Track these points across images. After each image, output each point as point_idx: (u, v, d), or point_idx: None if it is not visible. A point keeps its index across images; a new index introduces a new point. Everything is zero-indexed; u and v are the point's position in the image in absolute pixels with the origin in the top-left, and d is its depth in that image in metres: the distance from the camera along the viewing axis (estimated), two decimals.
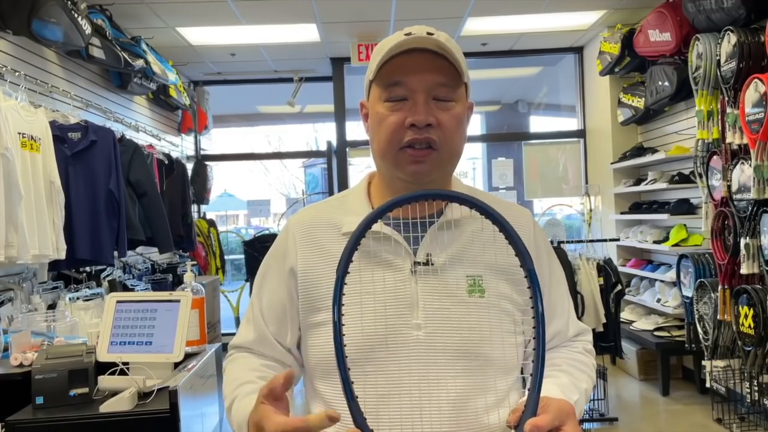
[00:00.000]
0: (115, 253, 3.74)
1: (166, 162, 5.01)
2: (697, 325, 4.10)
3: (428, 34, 1.06)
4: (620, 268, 4.98)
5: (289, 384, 0.91)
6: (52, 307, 3.11)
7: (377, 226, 1.08)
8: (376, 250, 1.08)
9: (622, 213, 5.56)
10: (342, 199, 1.22)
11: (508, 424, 0.90)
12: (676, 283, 4.45)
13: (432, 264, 1.07)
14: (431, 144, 1.06)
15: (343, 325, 0.88)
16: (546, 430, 0.87)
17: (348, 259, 0.90)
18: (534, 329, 0.89)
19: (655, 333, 4.73)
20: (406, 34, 1.07)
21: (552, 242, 4.10)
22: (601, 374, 4.08)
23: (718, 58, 3.70)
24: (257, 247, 6.25)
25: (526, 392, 0.91)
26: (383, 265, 1.08)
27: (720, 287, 3.79)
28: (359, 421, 0.85)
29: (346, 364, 0.86)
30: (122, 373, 1.87)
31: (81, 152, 3.49)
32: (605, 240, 4.86)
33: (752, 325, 3.44)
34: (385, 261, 1.08)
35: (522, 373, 1.15)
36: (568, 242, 4.36)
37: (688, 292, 4.23)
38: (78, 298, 3.19)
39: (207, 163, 6.68)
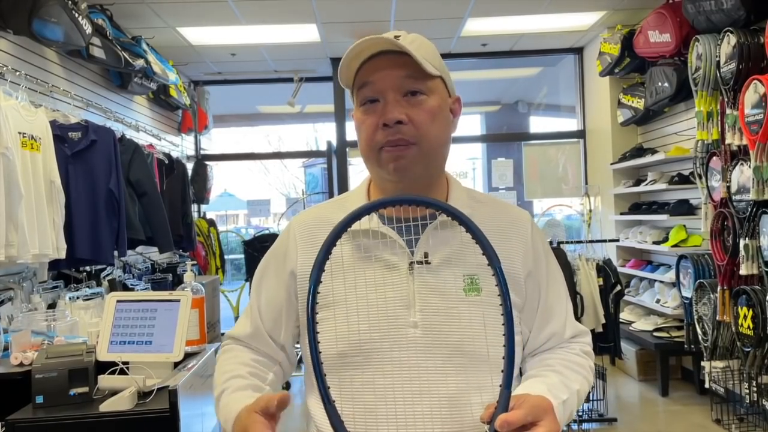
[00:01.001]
0: (115, 253, 3.75)
1: (166, 162, 5.01)
2: (697, 326, 4.11)
3: (395, 37, 1.08)
4: (620, 269, 4.98)
5: (283, 407, 0.94)
6: (52, 306, 3.11)
7: (375, 225, 1.09)
8: (374, 249, 1.09)
9: (621, 213, 5.56)
10: (342, 201, 1.23)
11: (482, 420, 0.90)
12: (676, 284, 4.45)
13: (429, 263, 1.08)
14: (402, 143, 1.08)
15: (318, 332, 0.90)
16: (517, 425, 0.87)
17: (320, 269, 0.92)
18: (504, 326, 0.89)
19: (655, 333, 4.73)
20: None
21: (551, 243, 4.11)
22: (601, 374, 4.08)
23: (717, 59, 3.70)
24: (257, 247, 6.24)
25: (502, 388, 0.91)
26: (380, 264, 1.09)
27: (719, 288, 3.79)
28: (335, 423, 0.88)
29: (322, 370, 0.88)
30: (122, 372, 1.87)
31: (81, 152, 3.49)
32: (605, 240, 4.86)
33: (751, 326, 3.45)
34: (382, 259, 1.09)
35: (520, 372, 1.15)
36: (567, 243, 4.36)
37: (688, 293, 4.23)
38: (78, 298, 3.19)
39: (207, 162, 6.68)
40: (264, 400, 0.95)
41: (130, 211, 3.93)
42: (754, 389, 3.50)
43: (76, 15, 3.41)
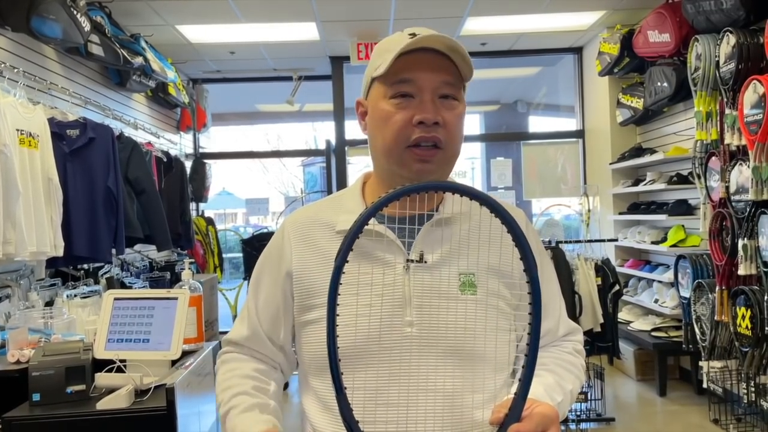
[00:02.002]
0: (113, 251, 3.74)
1: (165, 160, 5.01)
2: (695, 326, 4.11)
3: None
4: (618, 269, 4.98)
5: None
6: (49, 304, 3.11)
7: (370, 224, 1.09)
8: (370, 248, 1.09)
9: (620, 213, 5.56)
10: (337, 199, 1.22)
11: (491, 423, 0.91)
12: (674, 284, 4.45)
13: (425, 261, 1.08)
14: (437, 143, 1.07)
15: (338, 315, 0.89)
16: None
17: (348, 248, 0.89)
18: (529, 335, 0.89)
19: (653, 333, 4.73)
20: (410, 35, 1.08)
21: (550, 242, 4.10)
22: (599, 374, 4.08)
23: (717, 59, 3.70)
24: (255, 246, 6.24)
25: (512, 393, 0.92)
26: (376, 263, 1.08)
27: (717, 288, 3.79)
28: (345, 413, 0.88)
29: (338, 355, 0.87)
30: (119, 370, 1.87)
31: (79, 149, 3.48)
32: (603, 240, 4.86)
33: (749, 326, 3.45)
34: (378, 258, 1.09)
35: (513, 371, 1.15)
36: (566, 242, 4.36)
37: (686, 293, 4.23)
38: (76, 296, 3.18)
39: (206, 161, 6.68)
40: None
41: (128, 209, 3.93)
42: (752, 389, 3.50)
43: (75, 12, 3.40)
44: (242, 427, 1.05)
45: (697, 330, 4.09)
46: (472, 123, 9.24)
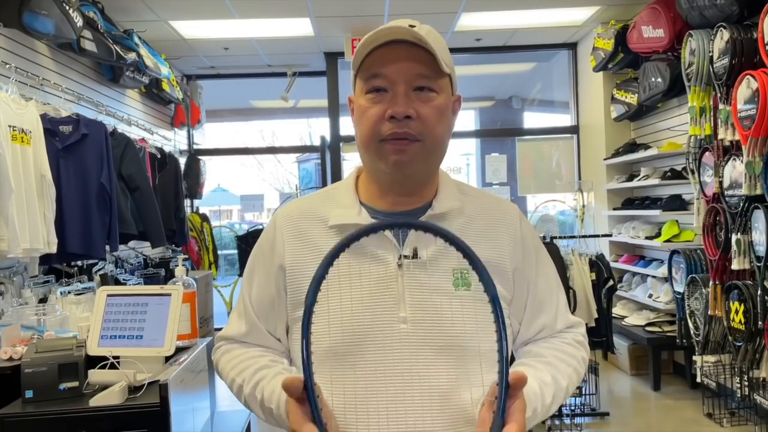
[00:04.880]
0: (107, 248, 3.73)
1: (159, 156, 4.99)
2: (689, 321, 4.12)
3: (410, 26, 1.06)
4: (612, 264, 4.99)
5: (296, 391, 0.91)
6: (43, 301, 3.09)
7: (364, 219, 1.09)
8: (363, 244, 1.08)
9: (614, 209, 5.58)
10: (330, 192, 1.22)
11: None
12: (668, 279, 4.47)
13: (418, 257, 1.07)
14: (409, 137, 1.06)
15: (311, 348, 0.87)
16: None
17: (316, 289, 0.88)
18: (495, 323, 0.88)
19: (647, 328, 4.75)
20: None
21: (545, 238, 4.11)
22: (593, 369, 4.09)
23: (710, 54, 3.71)
24: (250, 242, 6.21)
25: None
26: (369, 259, 1.08)
27: (711, 283, 3.81)
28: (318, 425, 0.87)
29: (313, 380, 0.86)
30: (113, 366, 1.86)
31: (72, 146, 3.47)
32: (598, 236, 4.87)
33: (743, 321, 3.46)
34: (372, 254, 1.08)
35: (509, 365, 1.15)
36: (560, 238, 4.37)
37: (680, 288, 4.25)
38: (69, 293, 3.17)
39: (200, 157, 6.66)
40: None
41: (122, 205, 3.91)
42: (746, 383, 3.52)
43: (67, 7, 3.38)
44: (280, 390, 1.02)
45: (690, 325, 4.11)
46: (467, 119, 9.25)
